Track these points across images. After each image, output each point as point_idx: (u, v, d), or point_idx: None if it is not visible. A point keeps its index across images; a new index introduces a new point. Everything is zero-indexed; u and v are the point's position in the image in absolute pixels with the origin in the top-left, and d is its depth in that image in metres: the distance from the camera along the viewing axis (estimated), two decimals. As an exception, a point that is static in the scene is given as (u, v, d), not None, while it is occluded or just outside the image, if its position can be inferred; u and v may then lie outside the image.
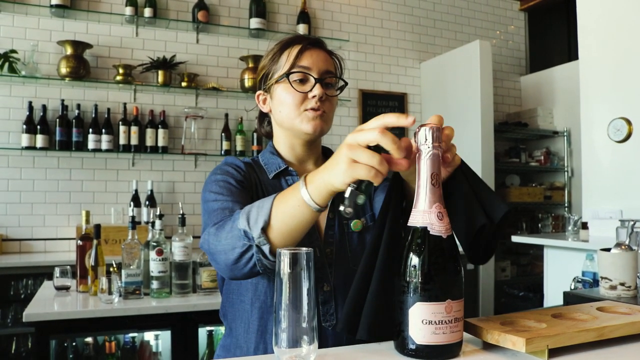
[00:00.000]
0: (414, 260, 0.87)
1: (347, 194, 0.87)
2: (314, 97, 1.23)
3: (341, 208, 0.88)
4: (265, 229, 0.98)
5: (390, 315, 0.92)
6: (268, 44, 1.38)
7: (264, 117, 1.41)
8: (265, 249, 0.98)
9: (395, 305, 0.89)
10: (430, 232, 0.86)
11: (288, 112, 1.25)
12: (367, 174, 0.84)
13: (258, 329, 1.21)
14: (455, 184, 0.99)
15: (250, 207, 1.02)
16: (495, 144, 4.43)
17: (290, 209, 0.96)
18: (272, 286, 1.20)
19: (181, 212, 2.37)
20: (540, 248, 3.86)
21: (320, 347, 0.88)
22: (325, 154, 1.39)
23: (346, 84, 1.34)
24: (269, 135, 1.40)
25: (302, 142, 1.30)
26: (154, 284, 2.26)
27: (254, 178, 1.27)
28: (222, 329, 2.44)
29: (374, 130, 0.85)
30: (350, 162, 0.85)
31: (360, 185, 0.87)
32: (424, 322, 0.85)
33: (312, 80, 1.24)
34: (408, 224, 0.90)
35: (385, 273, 0.95)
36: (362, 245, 1.29)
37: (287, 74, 1.24)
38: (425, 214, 0.87)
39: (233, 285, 1.26)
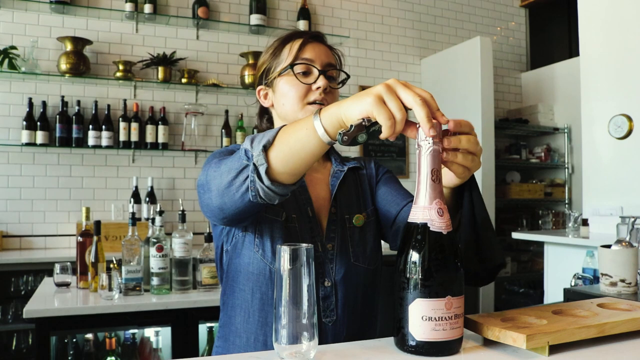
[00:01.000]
0: (414, 256, 0.86)
1: (354, 123, 0.86)
2: (317, 88, 1.23)
3: (340, 131, 0.86)
4: (267, 148, 0.95)
5: None
6: (268, 41, 1.38)
7: (264, 113, 1.40)
8: (262, 169, 0.94)
9: (395, 302, 0.89)
10: (431, 229, 0.86)
11: (292, 104, 1.25)
12: (386, 120, 0.82)
13: (259, 319, 1.20)
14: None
15: (257, 133, 1.00)
16: (496, 140, 4.43)
17: (298, 132, 0.92)
18: (274, 278, 1.19)
19: (181, 208, 2.37)
20: (540, 245, 3.87)
21: (319, 342, 0.88)
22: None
23: (348, 76, 1.34)
24: None
25: None
26: (154, 281, 2.26)
27: None
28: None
29: (417, 96, 0.83)
30: (378, 99, 0.83)
31: (370, 126, 0.86)
32: (423, 318, 0.84)
33: (316, 72, 1.24)
34: (408, 220, 0.89)
35: None
36: (363, 241, 1.28)
37: (292, 65, 1.24)
38: (425, 210, 0.87)
39: (233, 273, 1.24)
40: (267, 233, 1.19)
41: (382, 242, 1.36)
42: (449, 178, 0.97)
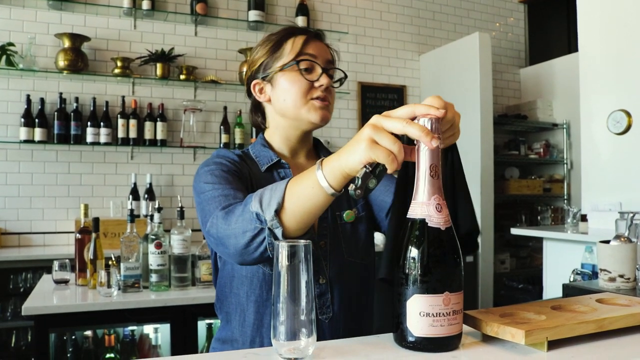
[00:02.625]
0: (412, 252, 0.86)
1: (359, 175, 0.87)
2: (320, 86, 1.23)
3: (351, 187, 0.87)
4: (278, 212, 0.96)
5: None
6: (264, 35, 1.37)
7: (258, 107, 1.37)
8: (278, 232, 0.96)
9: (394, 297, 0.89)
10: (429, 224, 0.86)
11: (294, 100, 1.23)
12: (386, 158, 0.83)
13: (254, 322, 1.20)
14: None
15: (262, 190, 1.01)
16: (495, 136, 4.42)
17: (305, 190, 0.94)
18: (267, 280, 1.19)
19: (180, 205, 2.36)
20: (539, 240, 3.87)
21: (317, 339, 0.88)
22: (317, 145, 1.39)
23: (346, 76, 1.33)
24: (259, 126, 1.38)
25: (300, 132, 1.29)
26: (153, 277, 2.26)
27: (246, 170, 1.25)
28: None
29: (401, 120, 0.85)
30: (371, 142, 0.84)
31: (374, 169, 0.87)
32: (421, 314, 0.84)
33: (319, 70, 1.24)
34: (407, 216, 0.89)
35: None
36: (355, 236, 1.28)
37: (297, 61, 1.23)
38: (423, 205, 0.87)
39: (226, 279, 1.25)
40: None
41: (376, 236, 1.36)
42: None
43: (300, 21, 4.39)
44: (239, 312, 1.23)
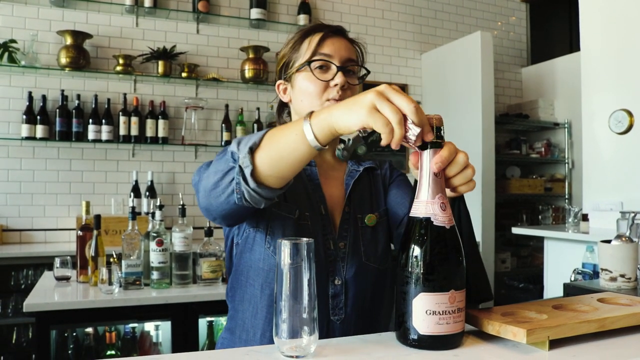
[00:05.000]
0: (417, 251, 0.86)
1: (351, 136, 0.85)
2: (335, 85, 1.21)
3: (339, 146, 0.85)
4: (253, 150, 0.93)
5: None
6: (265, 35, 1.37)
7: (283, 108, 1.37)
8: (247, 171, 0.93)
9: (397, 296, 0.89)
10: (434, 223, 0.86)
11: (310, 101, 1.22)
12: (384, 127, 0.80)
13: (266, 316, 1.19)
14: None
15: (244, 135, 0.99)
16: (496, 135, 4.42)
17: (287, 137, 0.91)
18: None
19: (181, 202, 2.37)
20: (540, 240, 3.87)
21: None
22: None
23: (368, 72, 1.30)
24: None
25: None
26: (154, 275, 2.26)
27: None
28: (222, 320, 2.45)
29: (411, 102, 0.81)
30: (372, 108, 0.80)
31: (368, 136, 0.85)
32: (427, 312, 0.84)
33: (334, 69, 1.22)
34: (410, 215, 0.89)
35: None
36: (374, 240, 1.28)
37: (309, 62, 1.22)
38: (428, 204, 0.87)
39: (243, 268, 1.24)
40: (279, 230, 1.17)
41: None
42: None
43: (302, 19, 4.39)
44: (253, 303, 1.21)
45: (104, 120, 3.74)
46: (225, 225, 1.19)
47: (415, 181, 0.93)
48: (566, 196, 5.01)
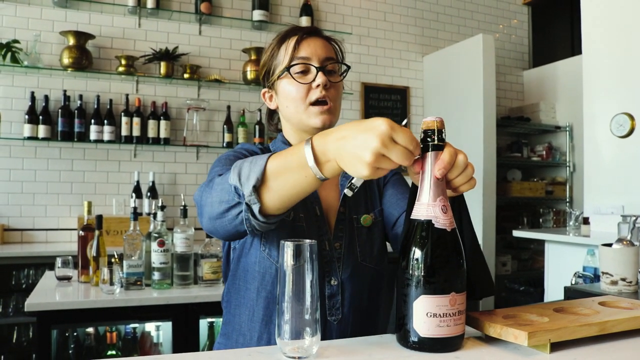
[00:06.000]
0: (418, 253, 0.86)
1: (357, 183, 0.88)
2: (317, 86, 1.21)
3: (347, 186, 0.88)
4: (257, 188, 0.94)
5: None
6: (267, 37, 1.38)
7: (272, 114, 1.38)
8: (255, 208, 0.94)
9: (398, 298, 0.90)
10: (435, 225, 0.86)
11: (295, 106, 1.23)
12: (391, 167, 0.82)
13: (263, 318, 1.20)
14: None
15: (242, 162, 0.98)
16: (498, 138, 4.42)
17: (293, 174, 0.91)
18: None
19: (183, 203, 2.37)
20: (541, 243, 3.87)
21: (325, 340, 0.88)
22: None
23: (349, 67, 1.31)
24: (280, 132, 1.38)
25: (310, 135, 1.29)
26: (156, 275, 2.26)
27: None
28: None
29: (417, 145, 0.84)
30: (378, 158, 0.80)
31: None
32: (428, 314, 0.85)
33: (314, 70, 1.22)
34: (411, 217, 0.90)
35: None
36: (370, 241, 1.28)
37: (288, 68, 1.22)
38: (429, 207, 0.87)
39: (239, 272, 1.24)
40: (274, 232, 1.17)
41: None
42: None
43: (304, 21, 4.40)
44: (249, 307, 1.22)
45: (106, 121, 3.75)
46: (230, 241, 1.21)
47: (413, 184, 0.94)
48: (567, 199, 5.01)
